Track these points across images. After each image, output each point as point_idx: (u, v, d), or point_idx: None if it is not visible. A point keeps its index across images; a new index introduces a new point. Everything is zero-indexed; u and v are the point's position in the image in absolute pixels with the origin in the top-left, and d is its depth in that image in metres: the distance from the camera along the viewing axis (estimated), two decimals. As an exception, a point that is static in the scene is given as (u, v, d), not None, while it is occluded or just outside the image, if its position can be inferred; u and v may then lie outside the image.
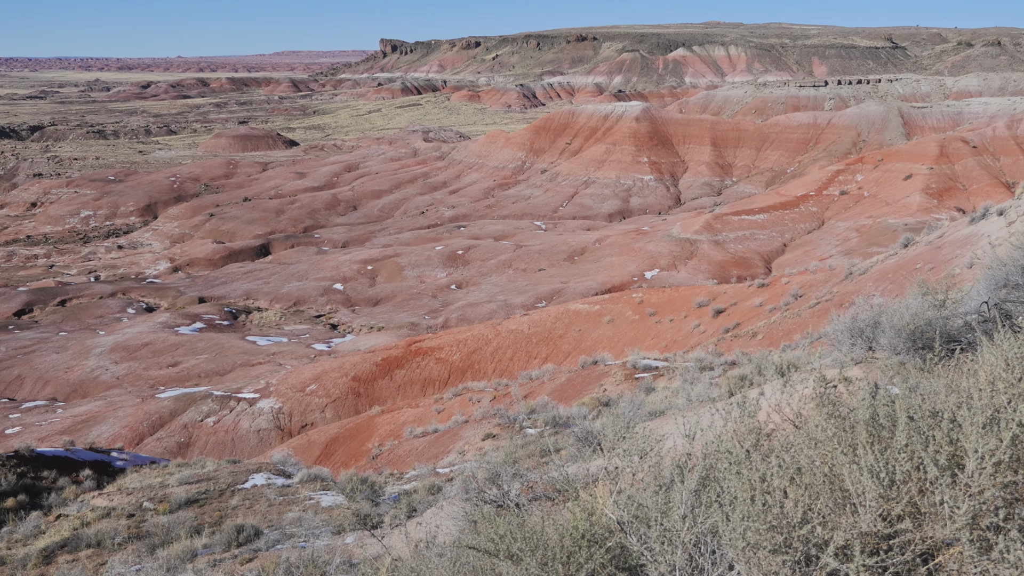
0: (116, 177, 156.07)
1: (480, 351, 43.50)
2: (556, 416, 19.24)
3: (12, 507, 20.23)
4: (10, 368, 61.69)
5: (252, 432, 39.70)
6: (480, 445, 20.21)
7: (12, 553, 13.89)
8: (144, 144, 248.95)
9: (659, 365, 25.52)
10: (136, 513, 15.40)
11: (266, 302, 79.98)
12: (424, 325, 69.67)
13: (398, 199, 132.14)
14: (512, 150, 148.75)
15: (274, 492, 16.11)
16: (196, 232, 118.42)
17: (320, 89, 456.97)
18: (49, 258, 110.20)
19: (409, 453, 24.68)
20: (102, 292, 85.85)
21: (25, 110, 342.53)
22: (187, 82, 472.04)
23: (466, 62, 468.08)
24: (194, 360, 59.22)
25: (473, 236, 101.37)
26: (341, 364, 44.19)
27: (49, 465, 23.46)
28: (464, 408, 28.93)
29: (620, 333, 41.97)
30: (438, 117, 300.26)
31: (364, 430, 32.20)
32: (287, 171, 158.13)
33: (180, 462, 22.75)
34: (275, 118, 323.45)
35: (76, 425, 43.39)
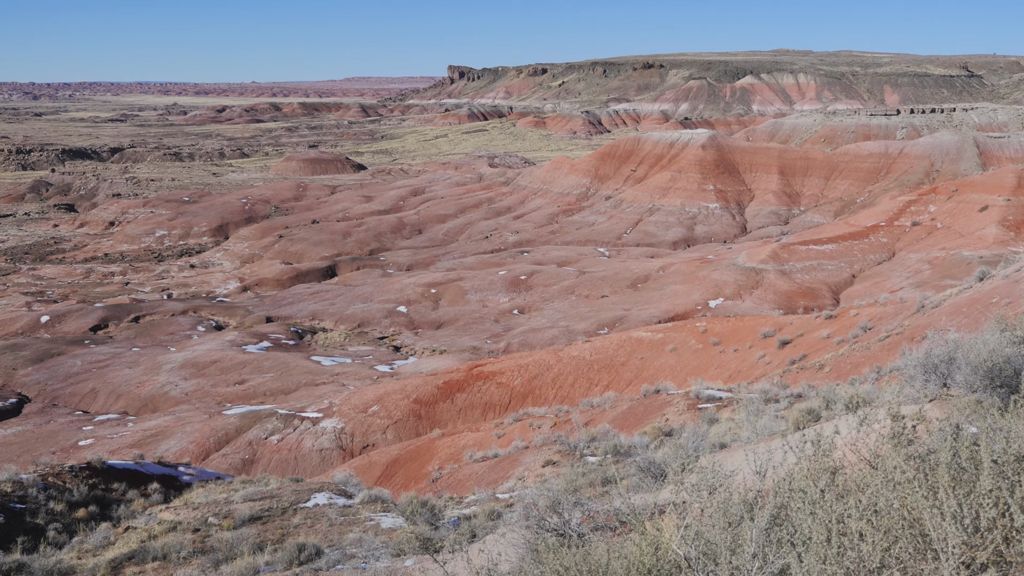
0: (190, 198, 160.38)
1: (541, 377, 43.40)
2: (617, 445, 19.07)
3: (83, 517, 20.74)
4: (85, 382, 63.51)
5: (314, 451, 40.13)
6: (540, 472, 20.12)
7: (82, 563, 14.22)
8: (218, 166, 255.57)
9: (723, 396, 25.15)
10: (201, 528, 15.66)
11: (331, 323, 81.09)
12: (486, 349, 69.83)
13: (463, 223, 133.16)
14: (577, 176, 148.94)
15: (335, 512, 16.24)
16: (265, 253, 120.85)
17: (388, 114, 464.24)
18: (125, 275, 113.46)
19: (469, 477, 24.67)
20: (174, 310, 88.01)
21: (106, 132, 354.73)
22: (260, 107, 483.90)
23: (532, 89, 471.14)
24: (260, 378, 60.23)
25: (536, 261, 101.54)
26: (403, 386, 44.49)
27: (119, 477, 24.02)
28: (524, 434, 28.86)
29: (683, 362, 41.51)
30: (504, 143, 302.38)
31: (424, 453, 32.32)
32: (355, 194, 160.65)
33: (244, 479, 23.10)
34: (344, 142, 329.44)
35: (146, 439, 44.39)
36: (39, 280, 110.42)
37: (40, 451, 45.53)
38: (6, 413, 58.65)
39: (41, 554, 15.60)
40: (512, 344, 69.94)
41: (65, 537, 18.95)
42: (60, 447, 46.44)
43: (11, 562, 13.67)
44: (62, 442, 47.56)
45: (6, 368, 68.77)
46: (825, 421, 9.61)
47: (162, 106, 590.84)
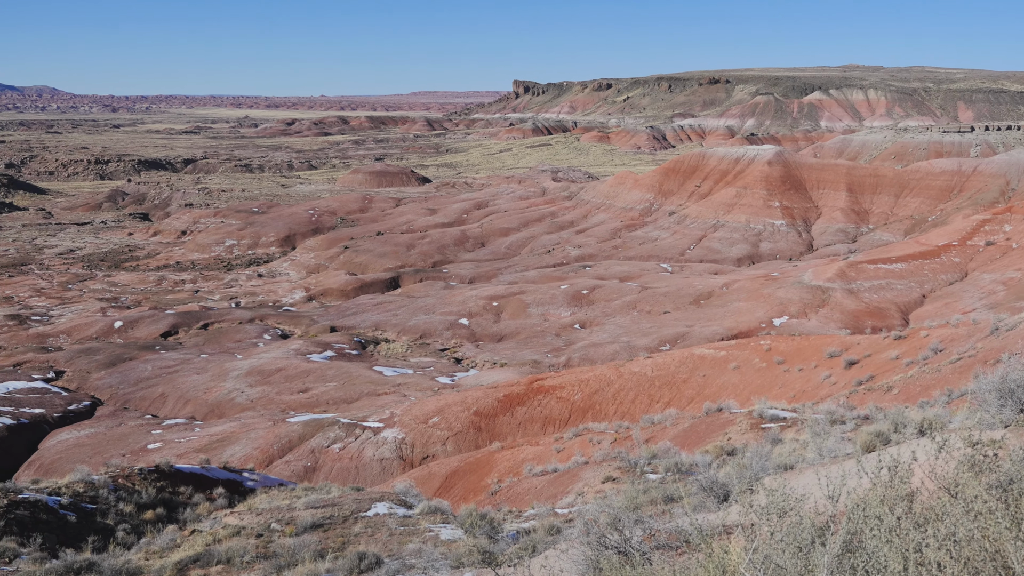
0: (259, 209, 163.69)
1: (602, 392, 43.17)
2: (678, 463, 18.85)
3: (151, 519, 21.23)
4: (155, 386, 65.10)
5: (375, 461, 40.48)
6: (600, 488, 19.98)
7: (149, 564, 14.54)
8: (286, 178, 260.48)
9: (787, 416, 24.70)
10: (264, 533, 15.89)
11: (394, 333, 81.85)
12: (546, 363, 69.73)
13: (525, 237, 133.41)
14: (640, 191, 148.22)
15: (395, 522, 16.35)
16: (331, 263, 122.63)
17: (454, 128, 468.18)
18: (195, 283, 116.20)
19: (528, 491, 24.62)
20: (241, 317, 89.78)
21: (180, 144, 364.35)
22: (328, 120, 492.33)
23: (597, 103, 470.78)
24: (323, 387, 61.03)
25: (598, 276, 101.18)
26: (464, 398, 44.65)
27: (186, 481, 24.54)
28: (584, 449, 28.71)
29: (746, 380, 40.90)
30: (567, 157, 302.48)
31: (484, 465, 32.35)
32: (419, 207, 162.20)
33: (307, 486, 23.39)
34: (409, 155, 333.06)
35: (212, 444, 45.27)
36: (114, 286, 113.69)
37: (111, 453, 46.72)
38: (80, 415, 60.40)
39: (110, 554, 15.99)
40: (573, 358, 69.73)
41: (133, 538, 19.40)
42: (130, 450, 47.61)
43: (82, 561, 14.04)
44: (132, 445, 48.77)
45: (81, 371, 70.89)
46: (896, 445, 9.37)
47: (234, 119, 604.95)
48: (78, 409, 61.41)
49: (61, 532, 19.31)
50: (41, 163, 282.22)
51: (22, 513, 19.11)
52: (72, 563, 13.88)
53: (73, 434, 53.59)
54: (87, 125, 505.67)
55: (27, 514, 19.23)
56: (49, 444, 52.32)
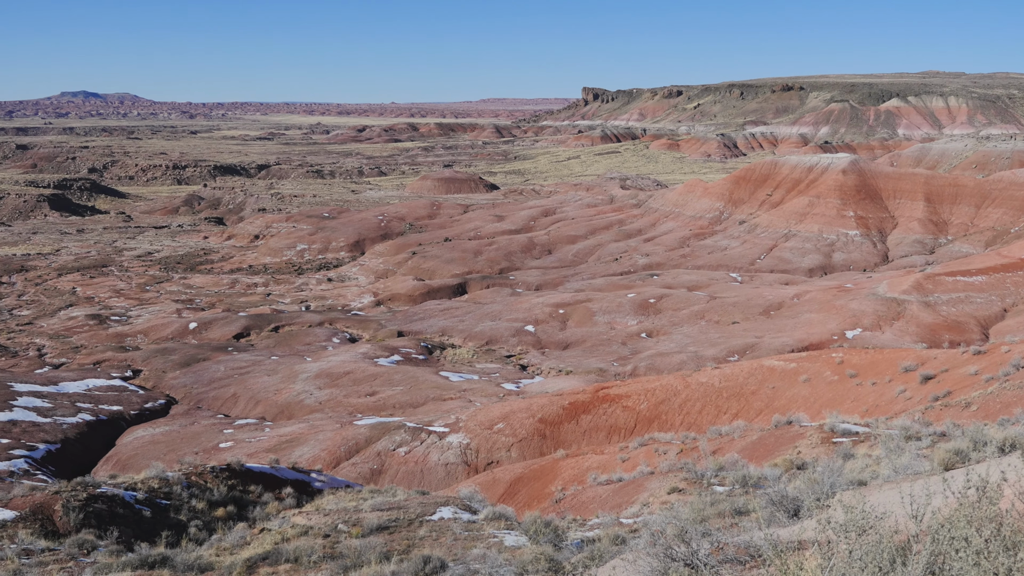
0: (330, 214, 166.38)
1: (668, 402, 42.74)
2: (746, 475, 18.54)
3: (222, 517, 21.67)
4: (227, 387, 66.56)
5: (440, 465, 40.71)
6: (665, 499, 19.76)
7: (220, 560, 14.83)
8: (356, 184, 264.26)
9: (859, 430, 24.12)
10: (331, 534, 16.08)
11: (460, 339, 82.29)
12: (612, 372, 69.34)
13: (592, 245, 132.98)
14: (710, 200, 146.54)
15: (460, 527, 16.40)
16: (399, 269, 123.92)
17: (522, 135, 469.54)
18: (267, 287, 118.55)
19: (592, 500, 24.48)
20: (311, 321, 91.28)
21: (255, 150, 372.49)
22: (398, 127, 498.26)
23: (667, 111, 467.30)
24: (390, 391, 61.64)
25: (666, 285, 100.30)
26: (529, 405, 44.64)
27: (256, 480, 25.00)
28: (649, 459, 28.44)
29: (816, 393, 40.07)
30: (636, 165, 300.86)
31: (548, 472, 32.29)
32: (486, 213, 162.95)
33: (373, 488, 23.64)
34: (478, 162, 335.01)
35: (281, 444, 46.08)
36: (189, 288, 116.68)
37: (184, 451, 47.89)
38: (155, 413, 62.08)
39: (183, 549, 16.37)
40: (639, 367, 69.21)
41: (205, 534, 19.83)
42: (202, 448, 48.73)
43: (156, 555, 14.39)
44: (204, 443, 49.92)
45: (157, 371, 72.88)
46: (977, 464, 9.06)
47: (306, 125, 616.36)
48: (154, 407, 63.13)
49: (136, 526, 19.83)
50: (122, 168, 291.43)
51: (100, 507, 19.68)
52: (147, 557, 14.23)
53: (149, 431, 55.09)
54: (166, 131, 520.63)
55: (105, 508, 19.80)
56: (126, 440, 53.87)
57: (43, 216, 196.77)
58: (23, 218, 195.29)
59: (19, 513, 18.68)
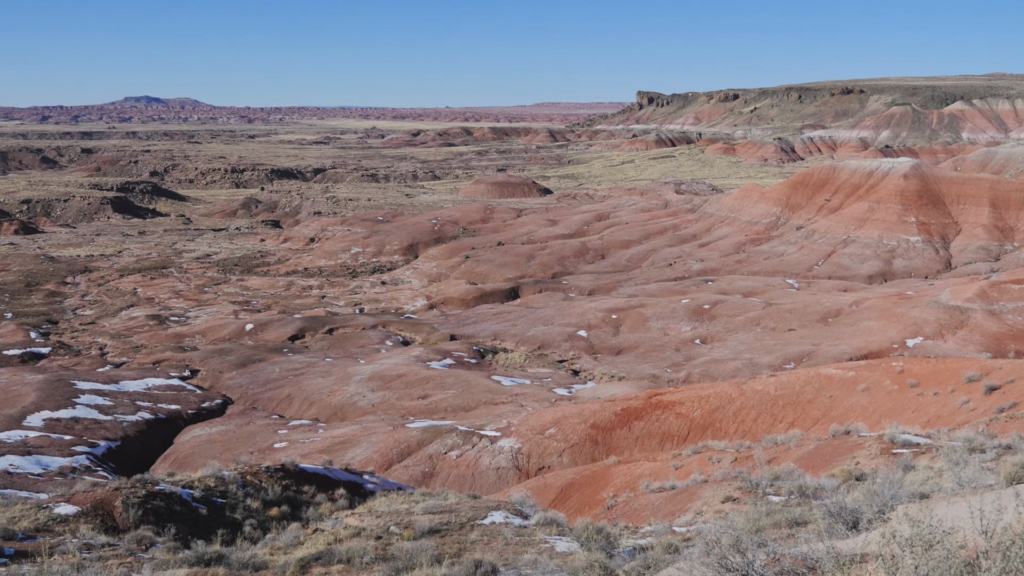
0: (384, 218, 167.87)
1: (722, 409, 42.22)
2: (803, 485, 18.21)
3: (276, 516, 21.94)
4: (282, 388, 67.46)
5: (491, 469, 40.74)
6: (719, 508, 19.50)
7: (274, 559, 14.99)
8: (410, 188, 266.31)
9: (920, 441, 23.53)
10: (383, 536, 16.17)
11: (512, 343, 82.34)
12: (665, 378, 68.78)
13: (646, 250, 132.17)
14: (766, 205, 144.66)
15: (511, 531, 16.36)
16: (452, 272, 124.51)
17: (576, 139, 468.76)
18: (321, 289, 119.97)
19: (644, 507, 24.27)
20: (365, 324, 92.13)
21: (311, 154, 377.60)
22: (453, 131, 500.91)
23: (723, 114, 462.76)
24: (442, 394, 61.91)
25: (721, 291, 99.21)
26: (581, 410, 44.47)
27: (309, 481, 25.26)
28: (703, 467, 28.11)
29: (876, 403, 39.23)
30: (691, 169, 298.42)
31: (599, 479, 32.10)
32: (540, 218, 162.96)
33: (424, 491, 23.74)
34: (531, 166, 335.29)
35: (334, 446, 46.54)
36: (246, 290, 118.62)
37: (239, 450, 48.63)
38: (212, 413, 63.18)
39: (238, 547, 16.59)
40: (693, 374, 68.54)
41: (259, 533, 20.09)
42: (257, 448, 49.43)
43: (212, 552, 14.60)
44: (259, 443, 50.64)
45: (214, 371, 74.18)
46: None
47: (362, 130, 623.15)
48: (210, 407, 64.25)
49: (193, 524, 20.16)
50: (182, 171, 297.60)
51: (158, 504, 20.06)
52: (203, 554, 14.45)
53: (205, 430, 56.06)
54: (225, 135, 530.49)
55: (163, 505, 20.17)
56: (183, 439, 54.90)
57: (106, 218, 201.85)
58: (87, 220, 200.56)
59: (81, 508, 19.12)
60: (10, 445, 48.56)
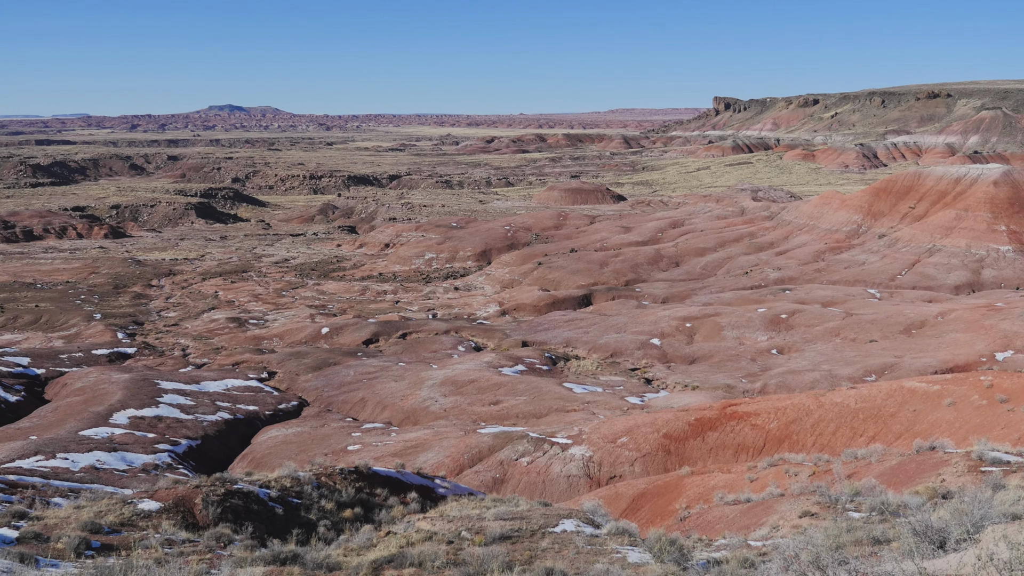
0: (458, 224, 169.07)
1: (799, 421, 41.27)
2: (885, 502, 17.64)
3: (349, 518, 22.18)
4: (356, 391, 68.35)
5: (562, 477, 40.55)
6: (797, 522, 19.02)
7: (347, 560, 15.12)
8: (484, 194, 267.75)
9: (1011, 460, 22.61)
10: (455, 540, 16.19)
11: (584, 351, 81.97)
12: (740, 388, 67.61)
13: (721, 257, 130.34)
14: (847, 212, 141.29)
15: (582, 540, 16.22)
16: (524, 279, 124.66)
17: (650, 146, 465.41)
18: (395, 294, 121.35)
19: (718, 520, 23.83)
20: (437, 329, 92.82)
21: (387, 161, 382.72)
22: (526, 137, 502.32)
23: (802, 120, 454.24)
24: (513, 401, 61.93)
25: (799, 300, 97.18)
26: (653, 420, 43.98)
27: (382, 484, 25.49)
28: (779, 480, 27.49)
29: (962, 419, 37.87)
30: (768, 176, 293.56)
31: (672, 489, 31.67)
32: (613, 225, 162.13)
33: (495, 497, 23.73)
34: (605, 173, 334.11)
35: (406, 449, 46.91)
36: (322, 294, 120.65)
37: (314, 452, 49.38)
38: (288, 414, 64.35)
39: (312, 547, 16.80)
40: (769, 385, 67.24)
41: (333, 534, 20.34)
42: (331, 450, 50.13)
43: (287, 552, 14.80)
44: (333, 445, 51.35)
45: (290, 373, 75.58)
46: None
47: (437, 137, 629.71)
48: (287, 408, 65.45)
49: (269, 523, 20.51)
50: (262, 178, 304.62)
51: (236, 502, 20.46)
52: (278, 553, 14.65)
53: (281, 431, 57.11)
54: (304, 143, 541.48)
55: (240, 503, 20.57)
56: (260, 439, 56.02)
57: (190, 223, 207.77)
58: (172, 225, 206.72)
59: (163, 505, 19.61)
60: (97, 441, 50.23)
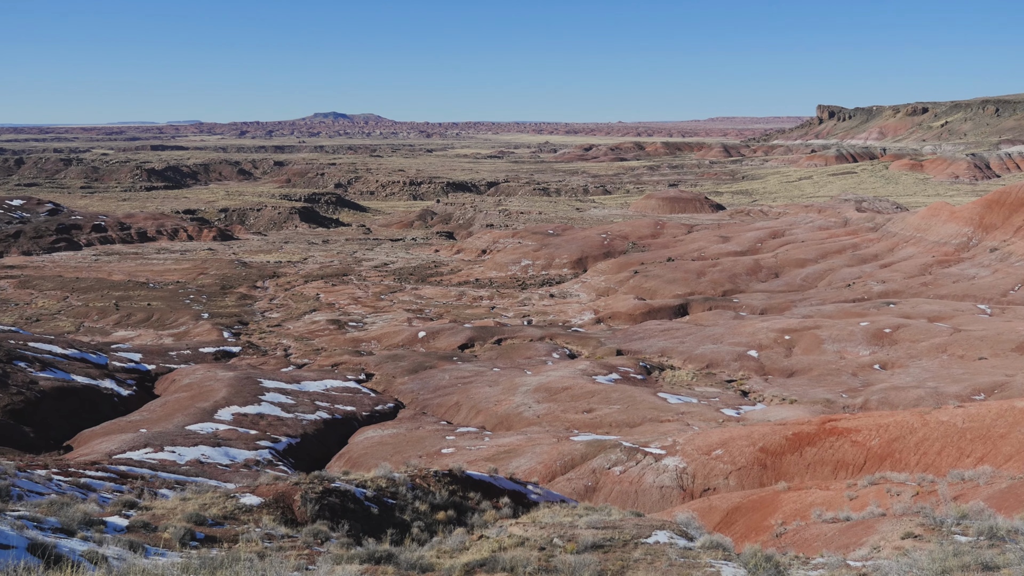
0: (554, 231, 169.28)
1: (902, 440, 39.89)
2: (994, 526, 16.93)
3: (442, 520, 22.49)
4: (450, 395, 69.14)
5: (654, 487, 40.18)
6: (899, 544, 18.41)
7: (440, 563, 15.36)
8: (581, 202, 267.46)
9: None
10: (546, 547, 16.26)
11: (679, 361, 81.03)
12: (840, 404, 65.76)
13: (823, 269, 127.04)
14: (956, 224, 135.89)
15: (675, 552, 16.08)
16: (620, 287, 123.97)
17: (751, 155, 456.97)
18: (491, 300, 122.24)
19: (816, 537, 23.26)
20: (532, 335, 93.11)
21: (485, 168, 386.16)
22: (624, 146, 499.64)
23: (910, 129, 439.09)
24: (607, 409, 61.66)
25: (903, 314, 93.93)
26: (749, 433, 43.18)
27: (475, 487, 25.76)
28: (880, 499, 26.66)
29: (1080, 442, 35.97)
30: (873, 186, 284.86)
31: (767, 504, 31.04)
32: (711, 234, 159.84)
33: (588, 505, 23.70)
34: (704, 182, 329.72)
35: (499, 454, 47.21)
36: (419, 299, 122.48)
37: (409, 453, 50.15)
38: (384, 416, 65.54)
39: (406, 548, 17.11)
40: (871, 401, 65.20)
41: (426, 536, 20.66)
42: (425, 452, 50.83)
43: (382, 551, 15.12)
44: (427, 448, 52.06)
45: (387, 375, 76.96)
46: None
47: (535, 144, 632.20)
48: (383, 410, 66.67)
49: (364, 522, 20.97)
50: (364, 184, 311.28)
51: (333, 500, 20.99)
52: (373, 552, 14.99)
53: (377, 432, 58.19)
54: (404, 149, 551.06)
55: (337, 502, 21.09)
56: (357, 439, 57.20)
57: (294, 227, 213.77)
58: (277, 228, 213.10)
59: (264, 500, 20.27)
60: (202, 436, 52.16)
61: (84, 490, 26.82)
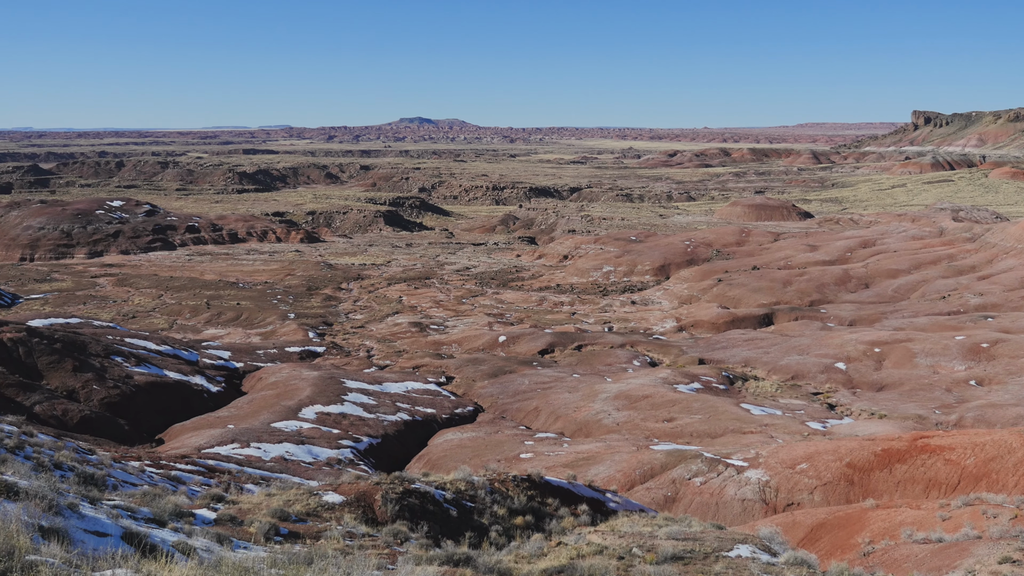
0: (637, 238, 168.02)
1: (1000, 459, 38.25)
2: (1101, 555, 16.08)
3: (520, 525, 22.43)
4: (530, 400, 69.15)
5: (736, 500, 39.42)
6: (996, 568, 17.66)
7: (518, 568, 15.31)
8: (664, 208, 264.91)
9: None
10: (625, 556, 16.06)
11: (763, 372, 79.43)
12: (933, 420, 63.47)
13: (916, 280, 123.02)
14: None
15: (758, 567, 15.70)
16: (703, 295, 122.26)
17: (841, 162, 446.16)
18: (572, 306, 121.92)
19: (906, 558, 22.46)
20: (613, 342, 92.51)
21: (568, 173, 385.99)
22: (710, 152, 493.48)
23: (1012, 135, 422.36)
24: (688, 419, 60.80)
25: (1003, 329, 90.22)
26: (836, 447, 42.01)
27: (553, 494, 25.63)
28: (976, 521, 25.60)
29: None
30: (971, 195, 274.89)
31: (854, 522, 30.12)
32: (798, 243, 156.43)
33: (667, 516, 23.35)
34: (791, 189, 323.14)
35: (577, 461, 46.98)
36: (500, 303, 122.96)
37: (488, 457, 50.28)
38: (463, 419, 65.92)
39: (484, 551, 17.11)
40: (966, 418, 62.76)
41: (504, 540, 20.63)
42: (504, 456, 50.89)
43: (460, 554, 15.14)
44: (506, 452, 52.12)
45: (467, 379, 77.42)
46: None
47: (618, 150, 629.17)
48: (463, 413, 67.06)
49: (443, 523, 21.06)
50: (447, 188, 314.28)
51: (413, 501, 21.13)
52: (452, 554, 15.02)
53: (457, 435, 58.55)
54: (488, 154, 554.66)
55: (417, 503, 21.23)
56: (437, 442, 57.66)
57: (378, 230, 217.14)
58: (362, 231, 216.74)
59: (345, 498, 20.54)
60: (287, 434, 53.29)
61: (174, 482, 27.66)
